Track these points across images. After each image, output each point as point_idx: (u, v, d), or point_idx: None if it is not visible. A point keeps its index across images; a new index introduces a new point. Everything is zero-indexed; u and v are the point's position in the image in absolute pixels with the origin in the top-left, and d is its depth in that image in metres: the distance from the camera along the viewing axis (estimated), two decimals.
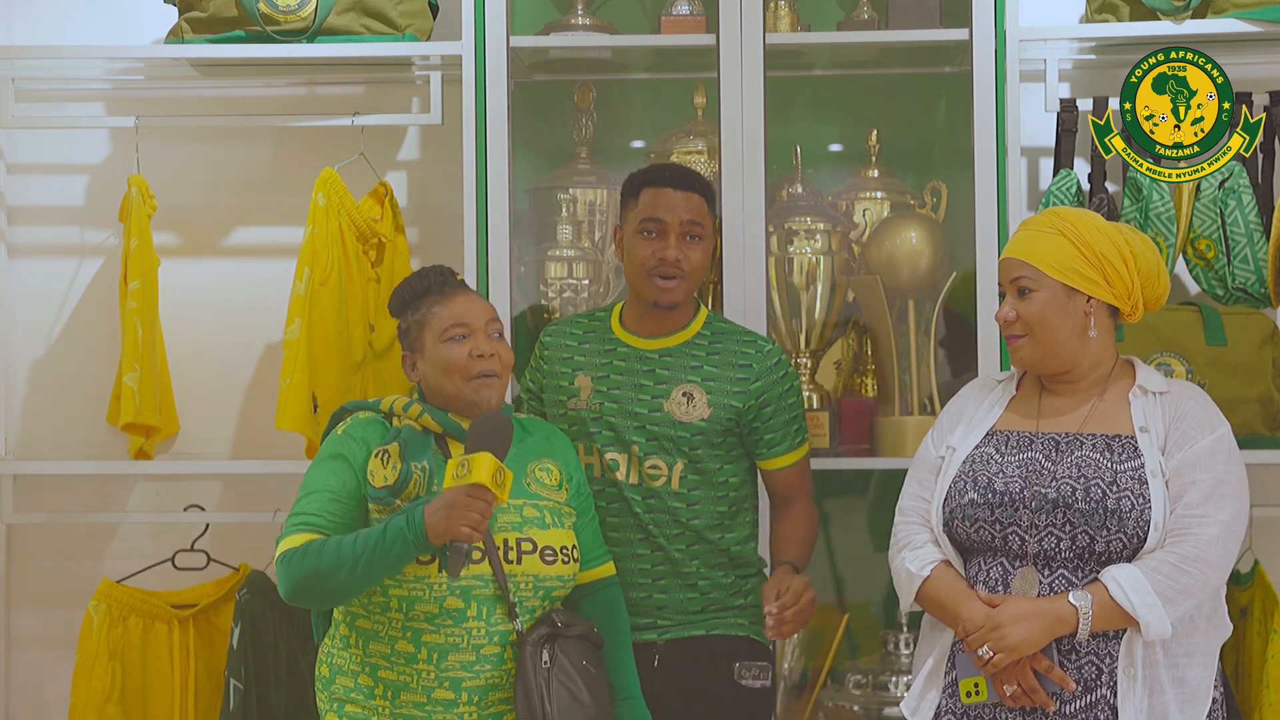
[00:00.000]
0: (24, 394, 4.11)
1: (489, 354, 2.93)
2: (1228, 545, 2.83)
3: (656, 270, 3.21)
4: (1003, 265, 2.96)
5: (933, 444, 3.04)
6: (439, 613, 2.83)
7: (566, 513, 2.98)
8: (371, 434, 2.92)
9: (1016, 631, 2.77)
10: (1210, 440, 2.87)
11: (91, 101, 4.09)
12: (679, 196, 3.24)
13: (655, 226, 3.23)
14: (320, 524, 2.85)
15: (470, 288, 3.07)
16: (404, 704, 2.85)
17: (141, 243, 3.83)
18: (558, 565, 2.91)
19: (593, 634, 2.93)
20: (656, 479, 3.23)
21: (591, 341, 3.32)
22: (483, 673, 2.84)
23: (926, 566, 2.91)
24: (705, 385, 3.25)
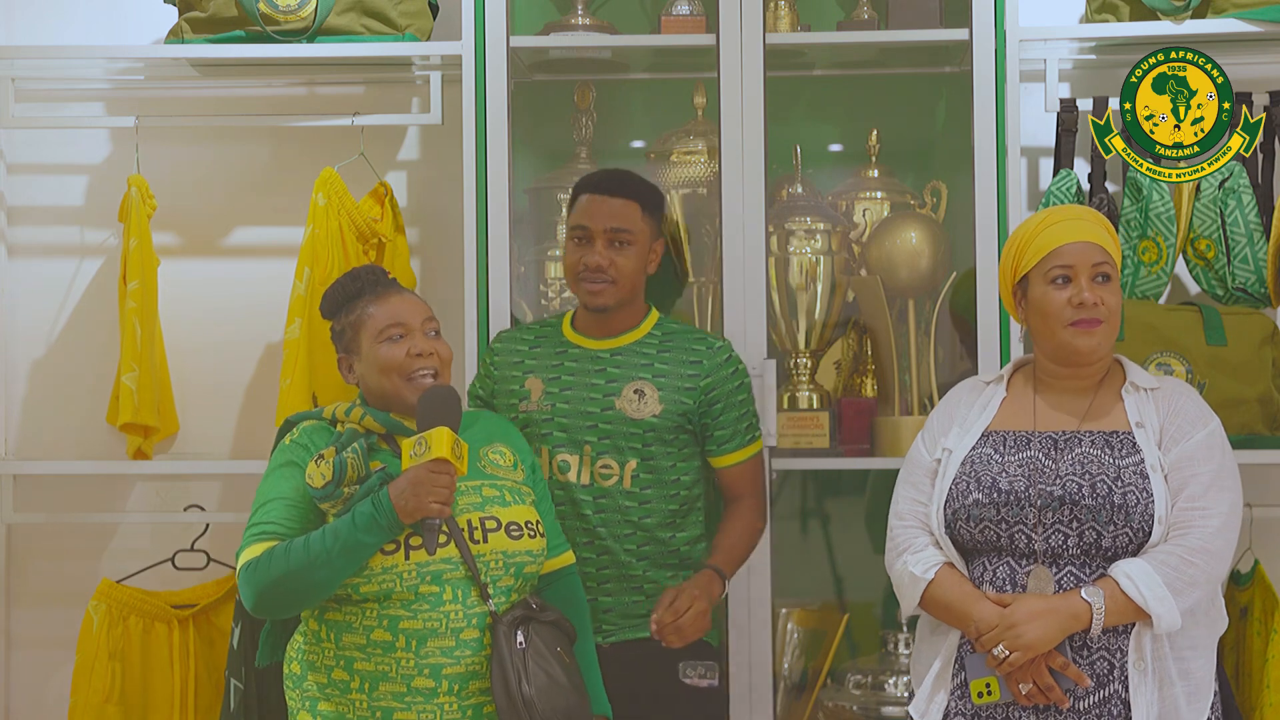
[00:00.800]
0: (24, 394, 4.11)
1: (427, 352, 2.93)
2: (1229, 536, 2.86)
3: (583, 276, 3.28)
4: (1072, 249, 2.93)
5: (925, 447, 3.04)
6: (415, 599, 2.81)
7: (525, 491, 2.98)
8: (319, 440, 2.91)
9: (1032, 630, 2.78)
10: (1205, 434, 2.91)
11: (91, 101, 4.09)
12: (608, 203, 3.30)
13: (582, 233, 3.30)
14: (279, 531, 2.82)
15: (404, 287, 3.05)
16: (382, 695, 2.82)
17: (141, 243, 3.83)
18: (525, 540, 2.89)
19: (565, 623, 2.92)
20: (608, 478, 3.26)
21: (543, 346, 3.37)
22: (463, 659, 2.82)
23: (930, 569, 2.91)
24: (656, 382, 3.30)
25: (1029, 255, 2.97)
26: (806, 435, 3.77)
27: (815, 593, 3.99)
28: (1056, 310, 2.92)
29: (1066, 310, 2.92)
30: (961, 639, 2.90)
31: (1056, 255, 2.94)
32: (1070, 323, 2.92)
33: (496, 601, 2.84)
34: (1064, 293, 2.92)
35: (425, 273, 4.05)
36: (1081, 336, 2.92)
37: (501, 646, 2.79)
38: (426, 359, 2.93)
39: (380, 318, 2.94)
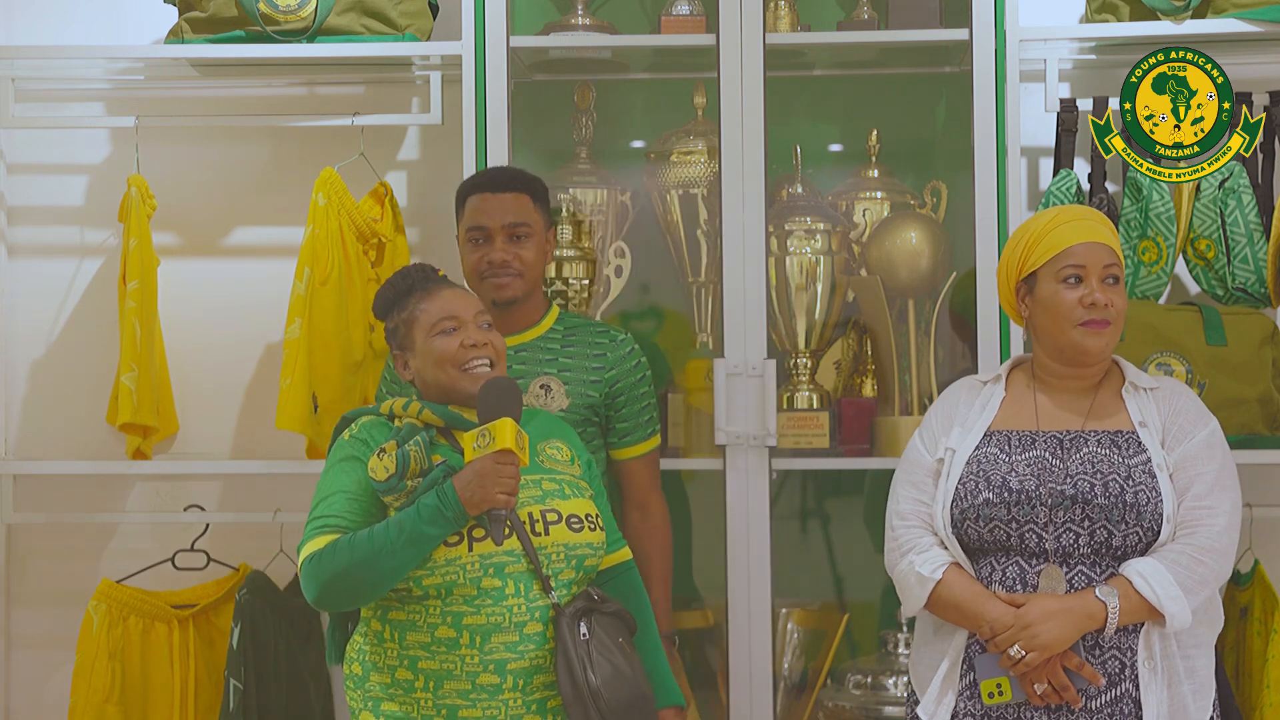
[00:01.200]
0: (24, 394, 4.11)
1: (481, 343, 2.95)
2: (1234, 535, 2.89)
3: (487, 273, 3.33)
4: (1083, 250, 2.94)
5: (924, 447, 3.03)
6: (477, 593, 2.81)
7: (583, 486, 2.98)
8: (378, 435, 2.93)
9: (1048, 630, 2.79)
10: (1206, 434, 2.93)
11: (91, 101, 4.09)
12: (501, 199, 3.35)
13: (481, 233, 3.34)
14: (342, 524, 2.83)
15: (454, 283, 3.08)
16: (448, 693, 2.82)
17: (141, 243, 3.83)
18: (585, 532, 2.89)
19: (626, 615, 2.92)
20: None
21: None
22: (527, 653, 2.82)
23: (938, 569, 2.91)
24: (562, 376, 3.34)
25: (1038, 252, 2.96)
26: (806, 435, 3.77)
27: (815, 593, 3.99)
28: (1067, 310, 2.92)
29: (1077, 310, 2.92)
30: (969, 639, 2.91)
31: (1069, 254, 2.94)
32: (1081, 323, 2.92)
33: (559, 594, 2.85)
34: (1075, 292, 2.92)
35: None
36: (1091, 337, 2.92)
37: (565, 638, 2.79)
38: (481, 349, 2.95)
39: (433, 311, 2.97)
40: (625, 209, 3.99)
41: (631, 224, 4.00)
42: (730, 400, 3.56)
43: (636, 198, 4.00)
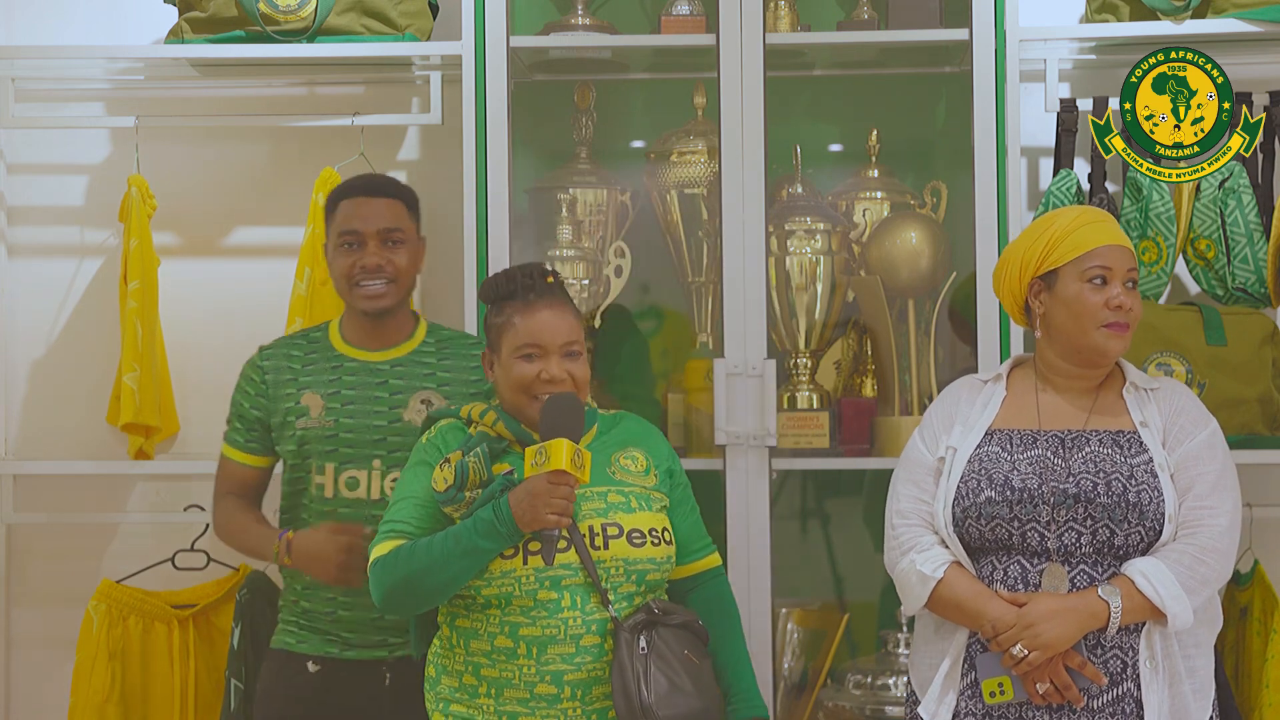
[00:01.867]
0: (24, 394, 4.11)
1: (559, 379, 2.91)
2: (1234, 535, 2.90)
3: (360, 279, 3.24)
4: (1110, 251, 2.94)
5: (925, 446, 3.03)
6: (534, 605, 2.83)
7: (655, 498, 2.96)
8: (451, 441, 2.96)
9: (1050, 629, 2.79)
10: (1207, 434, 2.94)
11: (91, 101, 4.09)
12: (375, 204, 3.28)
13: (354, 238, 3.25)
14: (407, 530, 2.88)
15: (559, 295, 2.99)
16: (508, 701, 2.85)
17: (141, 243, 3.83)
18: (647, 547, 2.88)
19: (696, 625, 2.90)
20: None
21: (315, 360, 3.31)
22: (584, 665, 2.83)
23: (939, 568, 2.91)
24: (442, 390, 3.27)
25: (1062, 250, 2.95)
26: (806, 435, 3.77)
27: (815, 593, 3.99)
28: (1092, 310, 2.92)
29: (1103, 312, 2.92)
30: (970, 638, 2.91)
31: (1096, 255, 2.94)
32: (1105, 324, 2.92)
33: (618, 607, 2.85)
34: (1101, 294, 2.92)
35: (425, 273, 4.01)
36: (1113, 339, 2.93)
37: (623, 652, 2.79)
38: (558, 385, 2.91)
39: (520, 334, 2.93)
40: (625, 209, 3.99)
41: (631, 224, 4.00)
42: (730, 400, 3.56)
43: (636, 198, 4.00)
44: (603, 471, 2.94)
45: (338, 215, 3.29)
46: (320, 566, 3.15)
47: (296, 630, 3.28)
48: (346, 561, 3.11)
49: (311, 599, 3.26)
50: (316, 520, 3.25)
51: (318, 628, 3.26)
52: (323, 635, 3.25)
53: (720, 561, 3.08)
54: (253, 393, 3.33)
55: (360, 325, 3.31)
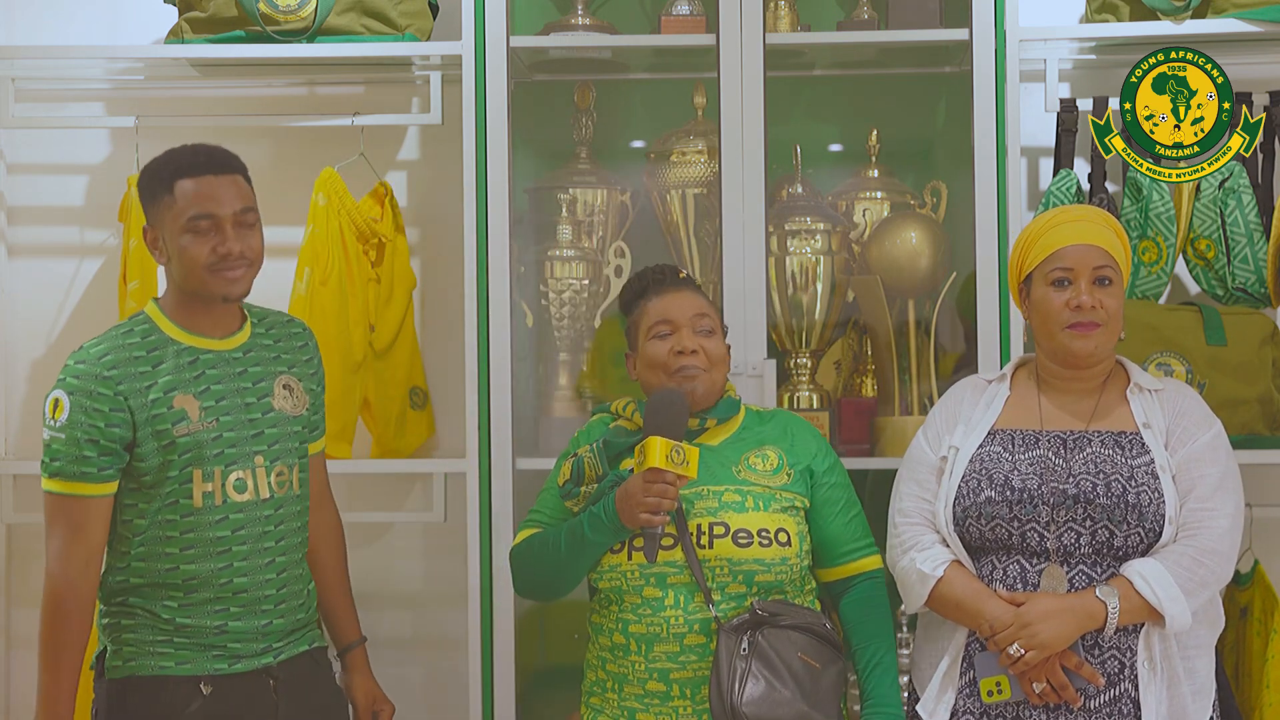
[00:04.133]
0: (24, 394, 4.11)
1: (690, 349, 2.95)
2: (1235, 537, 2.90)
3: (219, 266, 2.93)
4: (1073, 251, 2.95)
5: (928, 445, 3.04)
6: (640, 602, 2.87)
7: (782, 497, 2.94)
8: (597, 433, 3.03)
9: (1047, 629, 2.79)
10: (1210, 436, 2.93)
11: (91, 101, 4.09)
12: (225, 182, 2.97)
13: (209, 222, 2.94)
14: (542, 519, 3.00)
15: (689, 284, 3.05)
16: (627, 696, 2.90)
17: (141, 243, 3.82)
18: (754, 548, 2.87)
19: (820, 628, 2.88)
20: (284, 485, 3.01)
21: (163, 357, 2.96)
22: (689, 664, 2.85)
23: (940, 567, 2.92)
24: (293, 372, 3.08)
25: (1033, 254, 2.98)
26: None
27: None
28: (1055, 312, 2.93)
29: (1065, 312, 2.93)
30: (969, 637, 2.91)
31: (1058, 257, 2.95)
32: (1068, 325, 2.93)
33: (723, 608, 2.85)
34: (1063, 295, 2.93)
35: (425, 273, 4.05)
36: (1078, 339, 2.93)
37: (720, 653, 2.80)
38: (690, 357, 2.95)
39: (651, 314, 3.00)
40: (625, 209, 3.99)
41: (631, 224, 4.00)
42: None
43: (636, 198, 4.00)
44: (727, 470, 2.95)
45: (177, 196, 2.93)
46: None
47: (173, 650, 2.94)
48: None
49: (194, 614, 2.93)
50: (201, 535, 2.93)
51: (202, 643, 2.94)
52: (208, 651, 2.94)
53: (880, 564, 3.03)
54: (106, 409, 2.89)
55: (202, 312, 2.99)
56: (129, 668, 2.96)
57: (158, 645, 2.95)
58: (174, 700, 2.92)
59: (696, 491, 2.89)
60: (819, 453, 3.03)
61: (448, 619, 3.85)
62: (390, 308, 3.91)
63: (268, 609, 2.99)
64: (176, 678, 2.93)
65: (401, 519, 4.04)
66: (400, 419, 3.94)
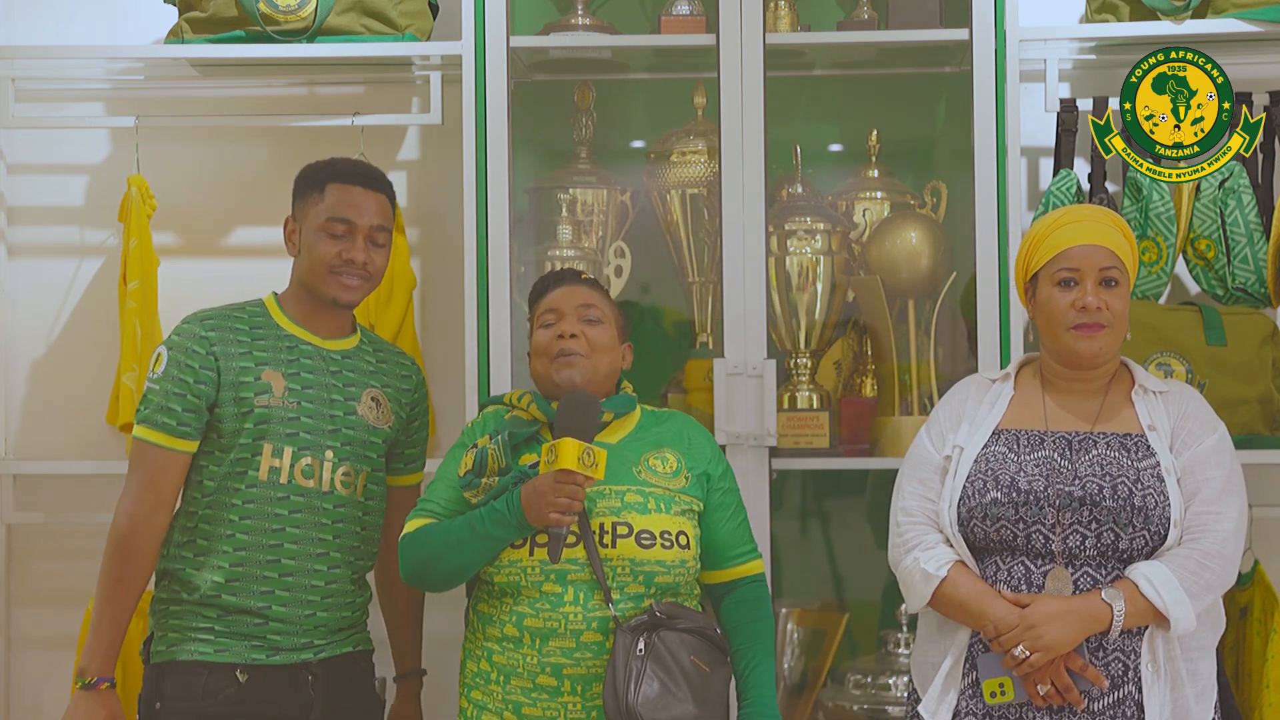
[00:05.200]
0: (24, 394, 4.11)
1: (568, 335, 2.99)
2: (1239, 540, 2.90)
3: (341, 270, 3.15)
4: (1080, 252, 2.94)
5: (931, 444, 3.03)
6: (538, 597, 2.87)
7: (681, 500, 2.96)
8: (491, 425, 3.03)
9: (1052, 630, 2.79)
10: (1215, 439, 2.93)
11: (91, 101, 4.09)
12: (370, 197, 3.20)
13: (345, 228, 3.16)
14: (435, 510, 2.97)
15: (589, 281, 3.10)
16: (514, 689, 2.89)
17: (141, 243, 3.83)
18: (656, 549, 2.89)
19: (711, 633, 2.91)
20: (349, 486, 3.14)
21: (264, 337, 3.16)
22: (583, 660, 2.85)
23: (943, 567, 2.91)
24: (385, 391, 3.23)
25: (1039, 254, 2.98)
26: (806, 435, 3.77)
27: (815, 593, 3.99)
28: (1060, 313, 2.93)
29: (1070, 314, 2.92)
30: (972, 637, 2.91)
31: (1064, 257, 2.95)
32: (1072, 326, 2.92)
33: (622, 607, 2.86)
34: (1068, 296, 2.93)
35: (425, 273, 4.05)
36: (1083, 340, 2.92)
37: (618, 652, 2.81)
38: (569, 340, 2.98)
39: (541, 306, 3.05)
40: (625, 209, 3.99)
41: (631, 224, 4.00)
42: (730, 400, 3.56)
43: (636, 198, 4.00)
44: (628, 470, 2.96)
45: (327, 197, 3.18)
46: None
47: (213, 638, 3.05)
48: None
49: (240, 592, 3.04)
50: (260, 508, 3.06)
51: (242, 632, 3.06)
52: (247, 641, 3.05)
53: (762, 569, 3.06)
54: (197, 365, 3.07)
55: (314, 310, 3.20)
56: (171, 652, 3.07)
57: (199, 632, 3.06)
58: (209, 686, 3.03)
59: (599, 490, 2.89)
60: (713, 458, 3.06)
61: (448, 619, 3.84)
62: (390, 308, 3.91)
63: (313, 600, 3.08)
64: (214, 664, 3.04)
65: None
66: None
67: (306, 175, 3.25)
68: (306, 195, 3.21)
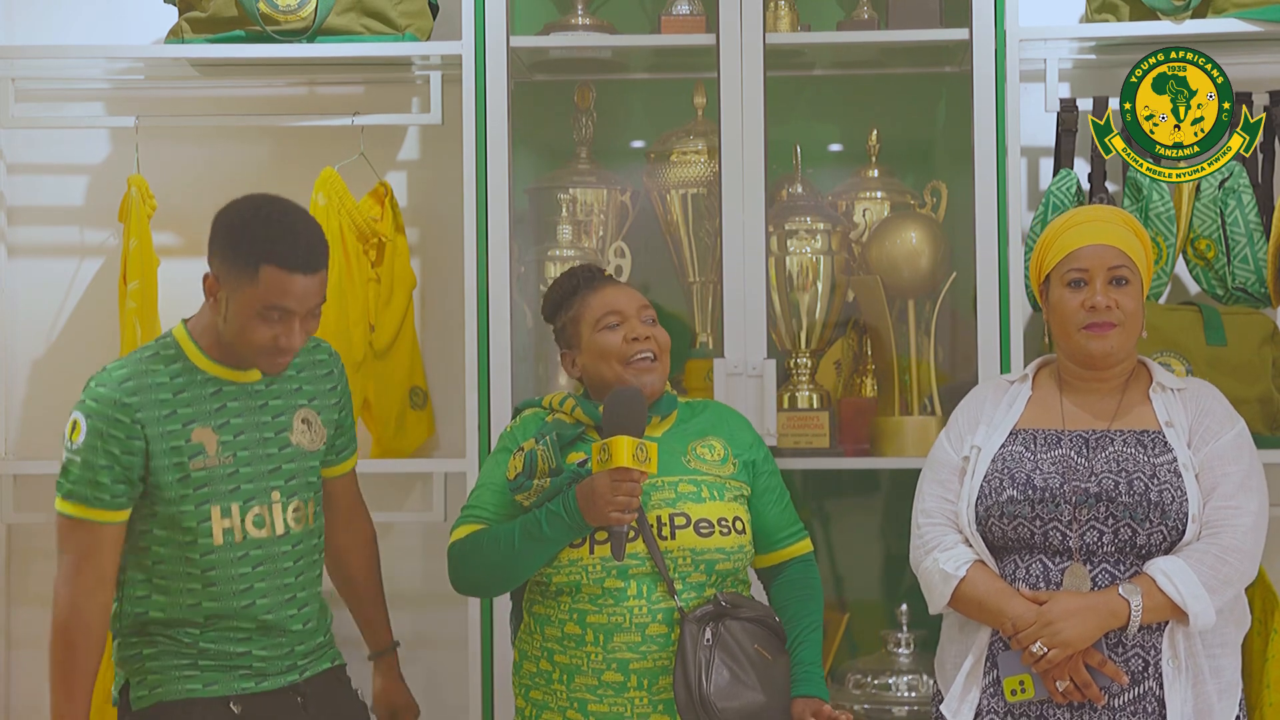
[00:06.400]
0: (24, 394, 4.11)
1: (643, 336, 2.98)
2: (1259, 535, 2.90)
3: (273, 350, 2.91)
4: (1089, 252, 2.95)
5: (950, 445, 3.05)
6: (601, 593, 2.87)
7: (731, 487, 2.97)
8: (530, 429, 3.02)
9: (1070, 627, 2.79)
10: (1233, 434, 2.94)
11: (91, 101, 4.09)
12: (310, 282, 2.89)
13: (279, 313, 2.88)
14: (484, 515, 2.97)
15: (618, 280, 3.09)
16: (578, 687, 2.89)
17: (141, 243, 3.83)
18: (715, 537, 2.90)
19: (771, 621, 2.92)
20: (300, 521, 3.02)
21: (185, 386, 2.93)
22: (649, 654, 2.86)
23: (962, 566, 2.92)
24: (313, 405, 3.07)
25: (1050, 255, 2.99)
26: (806, 435, 3.77)
27: None
28: (1071, 313, 2.94)
29: (1080, 313, 2.93)
30: (993, 636, 2.91)
31: (1074, 257, 2.95)
32: (1083, 326, 2.93)
33: (685, 598, 2.86)
34: (1078, 296, 2.93)
35: (425, 273, 4.05)
36: (1094, 340, 2.93)
37: (686, 643, 2.82)
38: (644, 343, 2.97)
39: (597, 307, 3.01)
40: (625, 209, 3.99)
41: (631, 224, 4.00)
42: (730, 400, 3.56)
43: (636, 198, 4.00)
44: (677, 460, 2.96)
45: (262, 282, 2.85)
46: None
47: (199, 673, 2.94)
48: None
49: (217, 640, 2.94)
50: (223, 573, 2.93)
51: (226, 665, 2.96)
52: (233, 671, 2.96)
53: (811, 548, 3.08)
54: (122, 435, 2.86)
55: (230, 351, 2.96)
56: (155, 695, 2.94)
57: (182, 669, 2.94)
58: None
59: (652, 483, 2.89)
60: (754, 442, 3.07)
61: (447, 619, 3.85)
62: (390, 308, 3.91)
63: (288, 637, 3.02)
64: (206, 699, 2.93)
65: (401, 519, 4.03)
66: (400, 419, 3.95)
67: (237, 241, 2.90)
68: (237, 270, 2.88)
